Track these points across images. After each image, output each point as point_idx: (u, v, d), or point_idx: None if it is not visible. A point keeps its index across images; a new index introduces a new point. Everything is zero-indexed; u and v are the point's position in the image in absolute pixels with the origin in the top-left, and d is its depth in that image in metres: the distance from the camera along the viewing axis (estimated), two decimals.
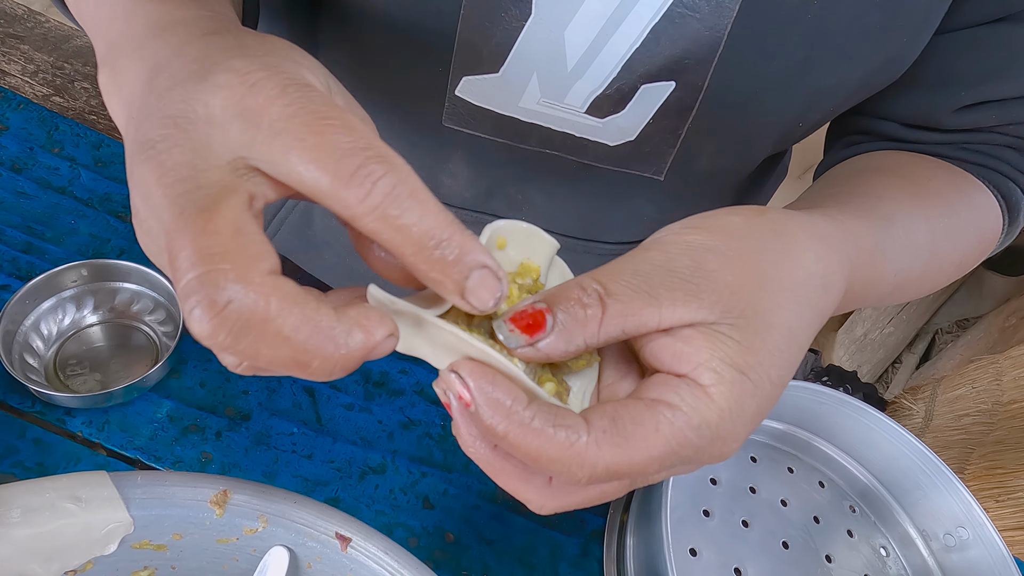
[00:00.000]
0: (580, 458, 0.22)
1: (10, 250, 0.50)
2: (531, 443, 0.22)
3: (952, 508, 0.51)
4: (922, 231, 0.37)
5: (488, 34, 0.38)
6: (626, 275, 0.24)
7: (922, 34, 0.38)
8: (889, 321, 1.56)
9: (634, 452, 0.23)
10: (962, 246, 0.41)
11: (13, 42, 0.64)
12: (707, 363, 0.24)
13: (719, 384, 0.24)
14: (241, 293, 0.20)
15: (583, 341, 0.24)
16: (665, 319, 0.24)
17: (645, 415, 0.23)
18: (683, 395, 0.24)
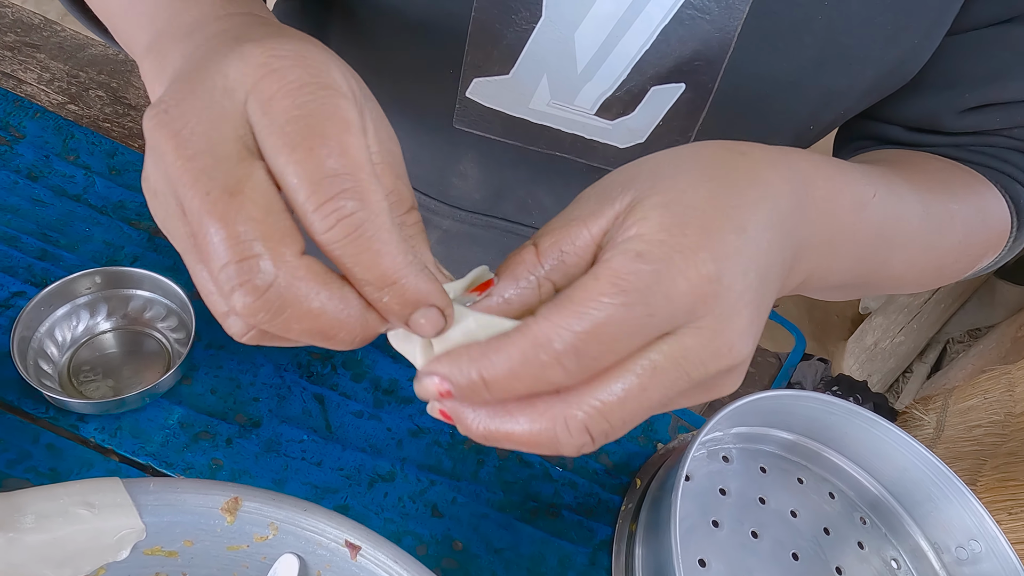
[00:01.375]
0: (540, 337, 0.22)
1: (26, 257, 0.50)
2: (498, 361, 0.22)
3: (964, 521, 0.50)
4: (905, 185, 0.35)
5: (499, 36, 0.39)
6: (549, 223, 0.25)
7: (934, 35, 0.38)
8: (900, 330, 1.55)
9: (583, 304, 0.22)
10: (964, 221, 0.39)
11: (29, 51, 0.65)
12: (630, 217, 0.23)
13: (643, 219, 0.23)
14: (278, 276, 0.21)
15: (530, 275, 0.25)
16: (593, 228, 0.24)
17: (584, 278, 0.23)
18: (615, 247, 0.23)
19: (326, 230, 0.21)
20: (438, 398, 0.23)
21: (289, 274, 0.21)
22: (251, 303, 0.21)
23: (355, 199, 0.21)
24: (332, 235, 0.21)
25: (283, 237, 0.21)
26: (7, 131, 0.56)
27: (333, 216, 0.21)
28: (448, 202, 0.51)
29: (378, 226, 0.22)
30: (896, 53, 0.38)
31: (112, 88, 0.65)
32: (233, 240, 0.21)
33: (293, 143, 0.21)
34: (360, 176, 0.22)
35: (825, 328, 1.73)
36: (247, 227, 0.21)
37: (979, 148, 0.43)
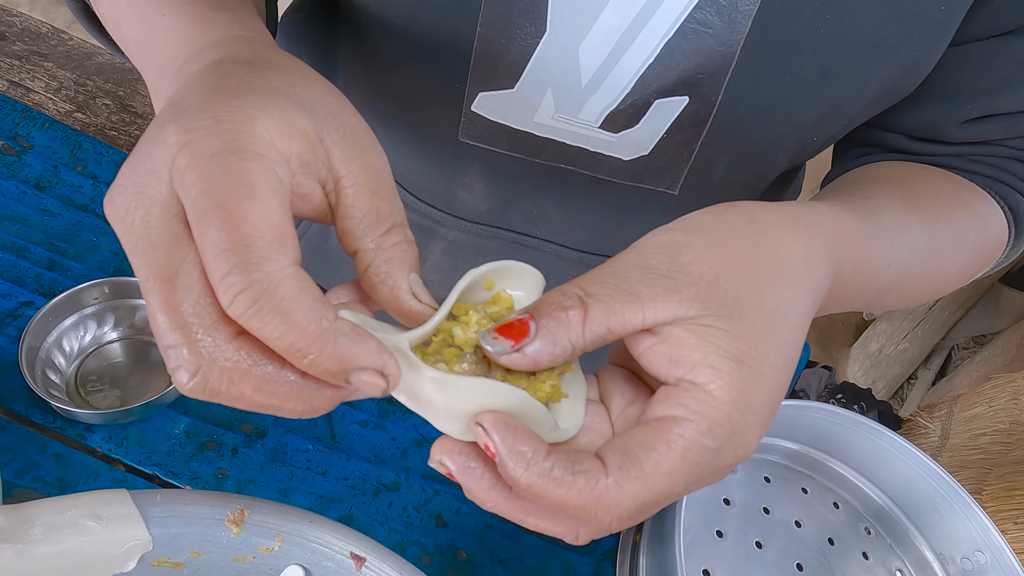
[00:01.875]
0: (604, 500, 0.23)
1: (34, 267, 0.51)
2: (553, 492, 0.23)
3: (970, 531, 0.50)
4: (916, 228, 0.37)
5: (504, 50, 0.39)
6: (605, 277, 0.25)
7: (937, 46, 0.38)
8: (904, 337, 1.55)
9: (654, 479, 0.23)
10: (964, 248, 0.40)
11: (37, 59, 0.66)
12: (701, 360, 0.24)
13: (717, 379, 0.23)
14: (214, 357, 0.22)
15: (568, 343, 0.24)
16: (648, 315, 0.24)
17: (654, 438, 0.23)
18: (686, 403, 0.24)
19: (228, 304, 0.21)
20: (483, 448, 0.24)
21: (221, 356, 0.22)
22: (188, 385, 0.22)
23: (253, 271, 0.21)
24: (235, 309, 0.21)
25: (215, 321, 0.22)
26: (16, 142, 0.57)
27: (231, 290, 0.21)
28: (454, 213, 0.51)
29: (280, 295, 0.21)
30: (899, 66, 0.38)
31: (119, 96, 0.66)
32: (169, 324, 0.22)
33: (200, 216, 0.21)
34: (259, 244, 0.21)
35: (829, 335, 1.73)
36: (180, 313, 0.22)
37: (980, 158, 0.44)
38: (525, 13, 0.37)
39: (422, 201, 0.51)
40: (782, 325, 0.25)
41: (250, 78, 0.24)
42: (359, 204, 0.25)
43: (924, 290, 0.40)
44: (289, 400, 0.23)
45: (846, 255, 0.30)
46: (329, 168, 0.24)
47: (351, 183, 0.24)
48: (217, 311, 0.22)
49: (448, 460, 0.24)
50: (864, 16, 0.36)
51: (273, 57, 0.27)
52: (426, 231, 0.52)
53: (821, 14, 0.35)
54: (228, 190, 0.21)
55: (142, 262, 0.22)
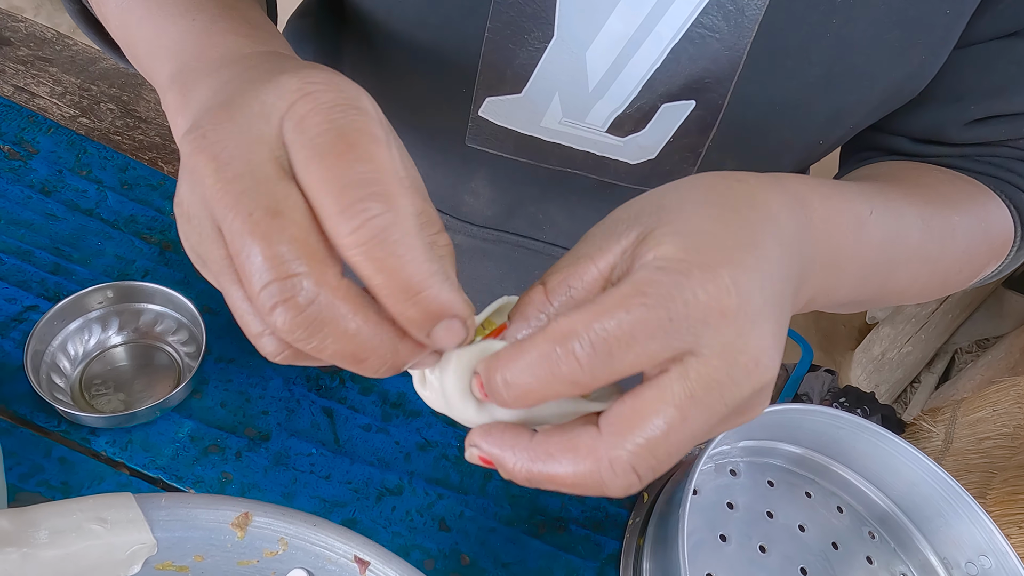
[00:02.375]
0: (559, 333, 0.22)
1: (39, 271, 0.51)
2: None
3: (974, 536, 0.50)
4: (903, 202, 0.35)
5: (511, 56, 0.39)
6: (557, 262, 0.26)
7: (941, 50, 0.39)
8: (907, 340, 1.55)
9: (604, 304, 0.22)
10: (965, 231, 0.39)
11: (42, 64, 0.66)
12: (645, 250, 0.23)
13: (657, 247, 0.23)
14: (319, 296, 0.21)
15: (541, 315, 0.25)
16: (601, 264, 0.24)
17: (608, 289, 0.23)
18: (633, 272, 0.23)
19: (350, 232, 0.21)
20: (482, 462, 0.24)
21: (330, 294, 0.22)
22: (291, 320, 0.21)
23: (381, 203, 0.21)
24: (355, 238, 0.21)
25: (324, 258, 0.22)
26: (21, 146, 0.57)
27: (359, 218, 0.21)
28: (460, 218, 0.51)
29: (404, 231, 0.21)
30: (904, 70, 0.38)
31: (123, 101, 0.66)
32: (276, 259, 0.21)
33: (321, 153, 0.22)
34: (387, 181, 0.22)
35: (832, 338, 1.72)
36: (290, 247, 0.21)
37: (984, 159, 0.44)
38: (533, 19, 0.37)
39: None
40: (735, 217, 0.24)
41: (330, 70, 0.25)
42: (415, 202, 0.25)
43: (929, 270, 0.38)
44: (378, 351, 0.23)
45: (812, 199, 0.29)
46: None
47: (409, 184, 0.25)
48: (324, 250, 0.22)
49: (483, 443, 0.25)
50: (869, 21, 0.36)
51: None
52: None
53: (827, 19, 0.35)
54: (354, 132, 0.22)
55: (241, 198, 0.22)
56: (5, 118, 0.58)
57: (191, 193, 0.23)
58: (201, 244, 0.23)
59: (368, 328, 0.22)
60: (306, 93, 0.22)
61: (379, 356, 0.23)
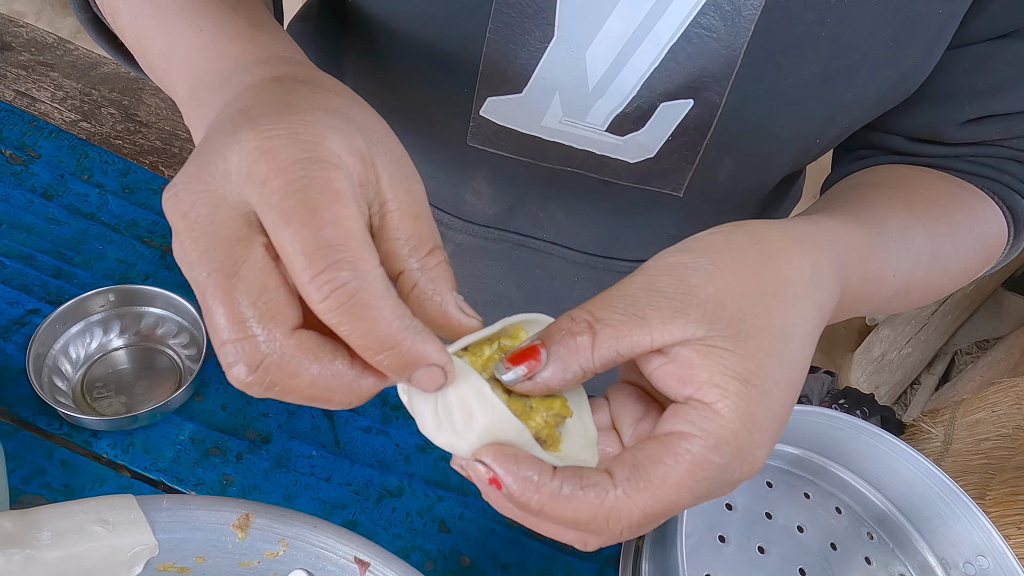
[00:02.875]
0: (615, 512, 0.24)
1: (41, 275, 0.51)
2: (564, 509, 0.24)
3: (972, 536, 0.50)
4: (919, 235, 0.37)
5: (512, 56, 0.39)
6: (613, 301, 0.26)
7: (936, 49, 0.39)
8: (907, 342, 1.55)
9: (662, 490, 0.24)
10: (966, 251, 0.41)
11: (44, 69, 0.66)
12: (709, 380, 0.24)
13: (724, 398, 0.24)
14: (272, 353, 0.22)
15: (579, 367, 0.25)
16: (656, 338, 0.25)
17: (662, 451, 0.24)
18: (693, 420, 0.24)
19: (321, 300, 0.22)
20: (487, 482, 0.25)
21: (280, 351, 0.22)
22: (245, 379, 0.23)
23: (347, 269, 0.22)
24: (327, 305, 0.22)
25: (275, 316, 0.23)
26: (23, 151, 0.57)
27: (327, 287, 0.22)
28: (462, 217, 0.52)
29: (371, 293, 0.22)
30: (899, 68, 0.39)
31: (124, 105, 0.66)
32: (228, 320, 0.22)
33: (287, 217, 0.22)
34: (352, 245, 0.22)
35: (832, 340, 1.73)
36: (241, 308, 0.22)
37: (978, 158, 0.44)
38: (533, 19, 0.38)
39: (430, 205, 0.51)
40: (788, 344, 0.26)
41: (314, 97, 0.26)
42: (403, 227, 0.25)
43: (927, 293, 0.40)
44: (339, 392, 0.24)
45: (853, 270, 0.31)
46: (377, 192, 0.25)
47: (396, 207, 0.25)
48: (276, 308, 0.23)
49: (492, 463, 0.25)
50: (864, 20, 0.36)
51: (326, 80, 0.28)
52: None
53: (822, 19, 0.36)
54: (317, 194, 0.22)
55: (203, 257, 0.23)
56: (7, 123, 0.59)
57: (176, 243, 0.24)
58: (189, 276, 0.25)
59: (324, 376, 0.23)
60: (264, 151, 0.23)
61: (342, 395, 0.24)
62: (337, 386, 0.24)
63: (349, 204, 0.23)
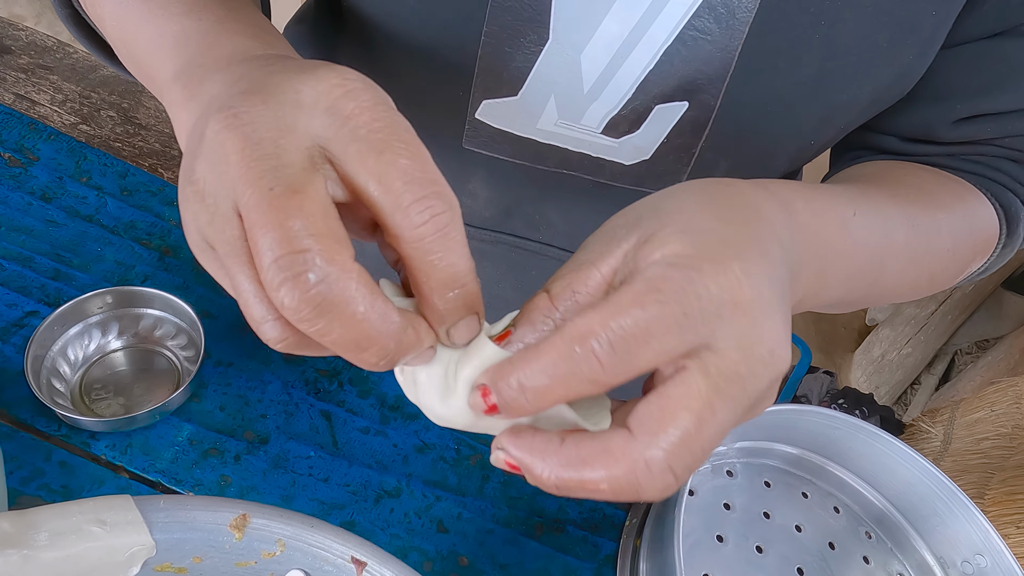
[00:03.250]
0: (576, 333, 0.23)
1: (39, 277, 0.51)
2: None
3: (970, 535, 0.50)
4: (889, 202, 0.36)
5: (507, 59, 0.40)
6: (558, 271, 0.26)
7: (929, 49, 0.39)
8: (907, 342, 1.55)
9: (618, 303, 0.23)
10: (951, 231, 0.40)
11: (43, 72, 0.66)
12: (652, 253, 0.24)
13: (663, 246, 0.24)
14: (329, 275, 0.22)
15: (547, 319, 0.25)
16: (603, 268, 0.25)
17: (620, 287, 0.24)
18: (641, 271, 0.24)
19: (421, 223, 0.22)
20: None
21: (340, 274, 0.22)
22: (298, 298, 0.21)
23: (443, 201, 0.23)
24: (423, 231, 0.22)
25: (339, 240, 0.22)
26: (22, 153, 0.58)
27: (427, 212, 0.22)
28: None
29: (458, 230, 0.23)
30: (893, 68, 0.39)
31: (123, 108, 0.67)
32: (289, 234, 0.21)
33: (379, 148, 0.23)
34: (442, 181, 0.23)
35: (832, 340, 1.72)
36: (306, 223, 0.22)
37: (972, 157, 0.44)
38: (528, 22, 0.38)
39: None
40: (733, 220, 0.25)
41: None
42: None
43: (916, 268, 0.38)
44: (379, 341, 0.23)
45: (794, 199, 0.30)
46: None
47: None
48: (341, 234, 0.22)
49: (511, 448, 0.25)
50: (858, 22, 0.36)
51: None
52: None
53: (816, 20, 0.36)
54: (405, 132, 0.23)
55: (265, 174, 0.22)
56: (6, 126, 0.59)
57: (211, 170, 0.23)
58: (212, 223, 0.23)
59: (375, 314, 0.22)
60: (347, 90, 0.23)
61: (381, 346, 0.23)
62: (383, 330, 0.23)
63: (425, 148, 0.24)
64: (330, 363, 0.53)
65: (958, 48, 0.41)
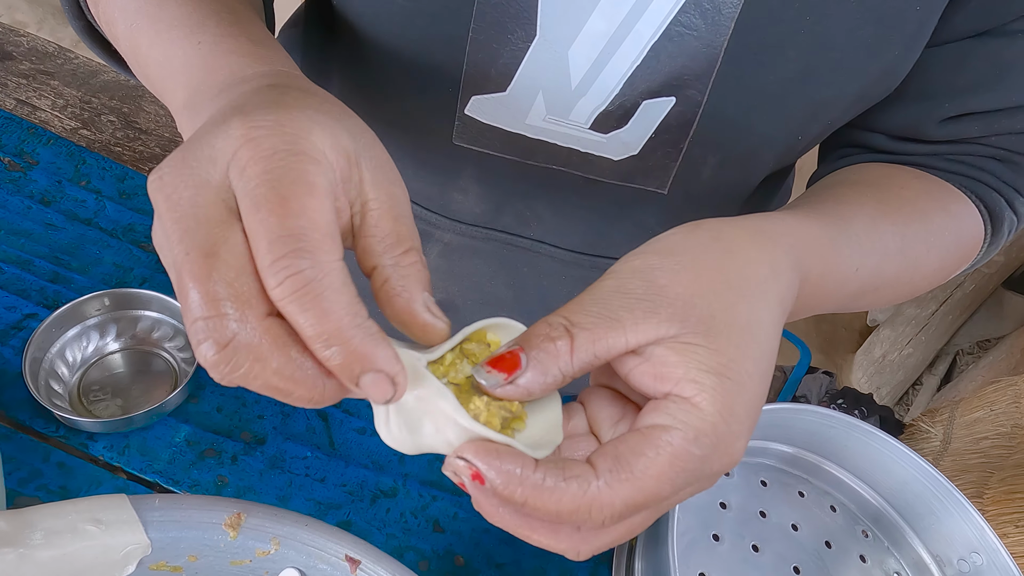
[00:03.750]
0: (597, 502, 0.24)
1: (38, 280, 0.52)
2: (548, 500, 0.24)
3: (965, 533, 0.50)
4: (888, 232, 0.38)
5: (495, 55, 0.40)
6: (586, 305, 0.26)
7: (915, 46, 0.39)
8: (908, 342, 1.54)
9: (643, 481, 0.24)
10: (939, 249, 0.41)
11: (44, 78, 0.67)
12: (685, 375, 0.25)
13: (701, 392, 0.25)
14: (241, 335, 0.23)
15: (558, 371, 0.26)
16: (631, 339, 0.26)
17: (644, 443, 0.25)
18: (673, 413, 0.25)
19: (276, 285, 0.23)
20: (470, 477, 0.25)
21: (249, 334, 0.23)
22: (212, 357, 0.23)
23: (307, 258, 0.23)
24: (281, 291, 0.23)
25: (249, 299, 0.23)
26: (22, 158, 0.58)
27: (283, 272, 0.23)
28: (449, 216, 0.52)
29: (326, 285, 0.23)
30: (879, 65, 0.39)
31: (124, 113, 0.67)
32: (203, 298, 0.23)
33: (257, 204, 0.23)
34: (315, 236, 0.23)
35: (832, 341, 1.72)
36: (216, 287, 0.23)
37: (958, 157, 0.44)
38: (515, 18, 0.38)
39: (417, 204, 0.52)
40: (757, 336, 0.27)
41: (306, 99, 0.27)
42: (382, 226, 0.26)
43: (899, 290, 0.41)
44: (301, 387, 0.24)
45: (811, 264, 0.32)
46: (359, 191, 0.26)
47: (377, 207, 0.26)
48: (251, 291, 0.23)
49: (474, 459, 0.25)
50: (843, 17, 0.36)
51: (319, 90, 0.29)
52: (422, 234, 0.53)
53: (801, 16, 0.36)
54: (290, 184, 0.23)
55: (183, 236, 0.23)
56: (5, 130, 0.60)
57: (157, 225, 0.25)
58: (169, 270, 0.25)
59: (290, 365, 0.23)
60: (249, 139, 0.24)
61: (304, 391, 0.24)
62: (301, 378, 0.24)
63: (321, 197, 0.24)
64: None
65: (944, 46, 0.41)
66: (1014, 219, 0.45)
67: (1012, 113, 0.42)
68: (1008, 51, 0.40)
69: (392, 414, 0.27)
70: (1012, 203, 0.44)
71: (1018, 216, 0.45)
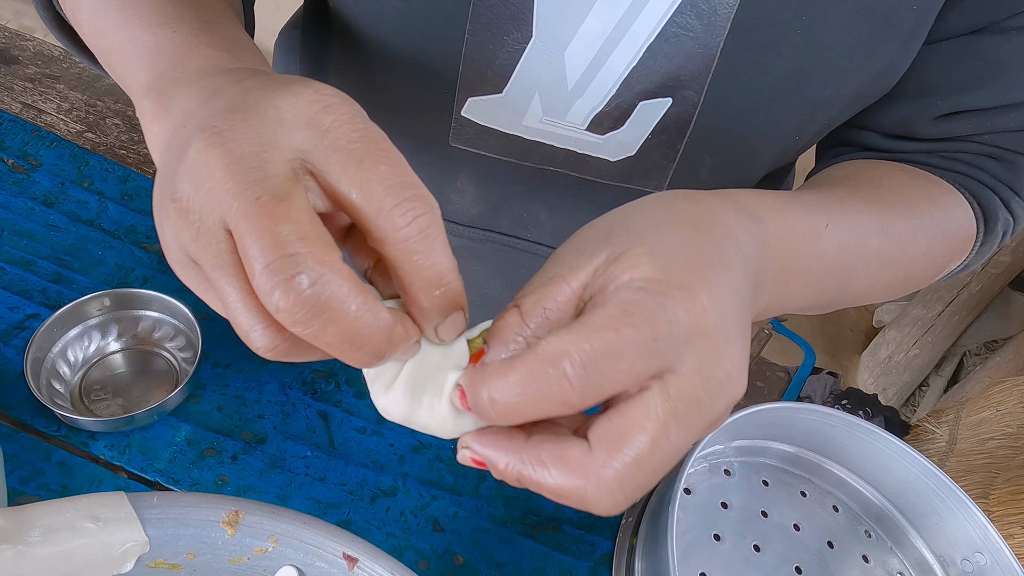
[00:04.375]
0: (549, 353, 0.23)
1: (41, 280, 0.52)
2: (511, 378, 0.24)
3: (969, 533, 0.50)
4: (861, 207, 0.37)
5: (491, 57, 0.40)
6: (528, 283, 0.27)
7: (911, 45, 0.39)
8: (914, 343, 1.53)
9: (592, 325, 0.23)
10: (925, 234, 0.40)
11: (49, 82, 0.68)
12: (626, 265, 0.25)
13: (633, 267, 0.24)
14: (321, 276, 0.22)
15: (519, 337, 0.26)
16: (573, 283, 0.25)
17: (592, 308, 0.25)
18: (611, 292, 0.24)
19: (404, 225, 0.23)
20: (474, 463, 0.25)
21: (331, 275, 0.22)
22: (292, 300, 0.22)
23: (424, 203, 0.24)
24: (407, 232, 0.23)
25: (327, 243, 0.23)
26: (25, 160, 0.59)
27: (409, 214, 0.23)
28: (447, 217, 0.52)
29: (439, 230, 0.24)
30: (875, 64, 0.39)
31: (128, 116, 0.68)
32: (279, 239, 0.22)
33: (359, 157, 0.23)
34: (420, 185, 0.24)
35: (838, 342, 1.71)
36: (294, 228, 0.22)
37: (952, 155, 0.44)
38: (511, 20, 0.38)
39: None
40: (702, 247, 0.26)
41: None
42: None
43: (892, 272, 0.39)
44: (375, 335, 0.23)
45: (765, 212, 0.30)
46: None
47: None
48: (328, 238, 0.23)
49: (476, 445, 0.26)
50: (839, 18, 0.36)
51: None
52: None
53: (797, 16, 0.36)
54: (381, 140, 0.24)
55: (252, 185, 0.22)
56: (9, 133, 0.60)
57: (195, 187, 0.23)
58: (197, 239, 0.24)
59: (367, 312, 0.23)
60: (326, 104, 0.24)
61: (375, 342, 0.23)
62: (376, 327, 0.23)
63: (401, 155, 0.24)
64: (327, 364, 0.54)
65: (938, 44, 0.41)
66: (1009, 219, 0.44)
67: (1006, 111, 0.42)
68: (1002, 49, 0.40)
69: (403, 375, 0.27)
70: (1008, 203, 0.44)
71: (1014, 217, 0.45)
